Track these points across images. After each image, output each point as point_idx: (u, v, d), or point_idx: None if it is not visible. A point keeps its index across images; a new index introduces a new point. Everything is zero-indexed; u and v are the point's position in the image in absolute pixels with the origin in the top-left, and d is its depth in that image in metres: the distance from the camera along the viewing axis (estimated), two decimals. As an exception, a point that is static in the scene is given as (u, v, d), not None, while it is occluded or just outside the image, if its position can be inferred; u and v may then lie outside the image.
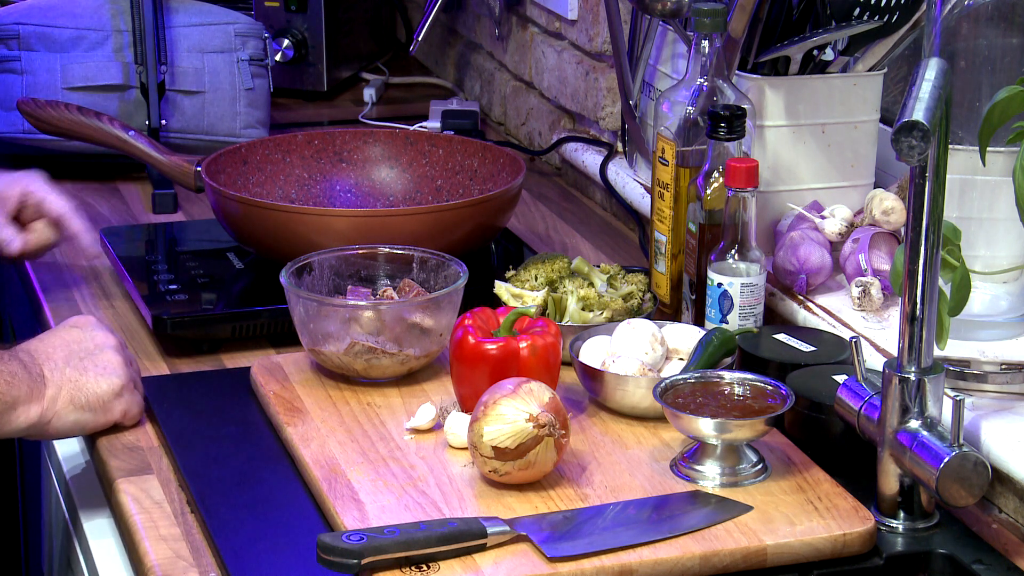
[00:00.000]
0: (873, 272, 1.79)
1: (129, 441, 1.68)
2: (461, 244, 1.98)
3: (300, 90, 2.86)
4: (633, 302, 1.85)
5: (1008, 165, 1.59)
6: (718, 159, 1.79)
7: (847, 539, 1.46)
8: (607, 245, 2.25)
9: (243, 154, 2.14)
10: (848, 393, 1.54)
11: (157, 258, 2.11)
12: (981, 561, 1.46)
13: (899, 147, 1.33)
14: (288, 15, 2.81)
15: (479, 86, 2.89)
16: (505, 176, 2.11)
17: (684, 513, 1.47)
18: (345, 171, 2.20)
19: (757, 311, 1.77)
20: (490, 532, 1.42)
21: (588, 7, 2.43)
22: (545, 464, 1.51)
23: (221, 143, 2.44)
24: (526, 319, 1.66)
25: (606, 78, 2.39)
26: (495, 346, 1.62)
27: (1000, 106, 1.49)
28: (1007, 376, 1.61)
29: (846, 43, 1.90)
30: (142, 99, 2.44)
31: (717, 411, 1.54)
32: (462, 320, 1.66)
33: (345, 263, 1.82)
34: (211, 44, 2.49)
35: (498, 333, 1.64)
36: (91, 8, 2.47)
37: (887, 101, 1.99)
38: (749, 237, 1.76)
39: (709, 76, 1.85)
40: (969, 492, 1.43)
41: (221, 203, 2.00)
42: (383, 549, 1.38)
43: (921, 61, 1.42)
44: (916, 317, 1.45)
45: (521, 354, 1.62)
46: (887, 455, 1.49)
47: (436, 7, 2.66)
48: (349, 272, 1.82)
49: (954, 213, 1.62)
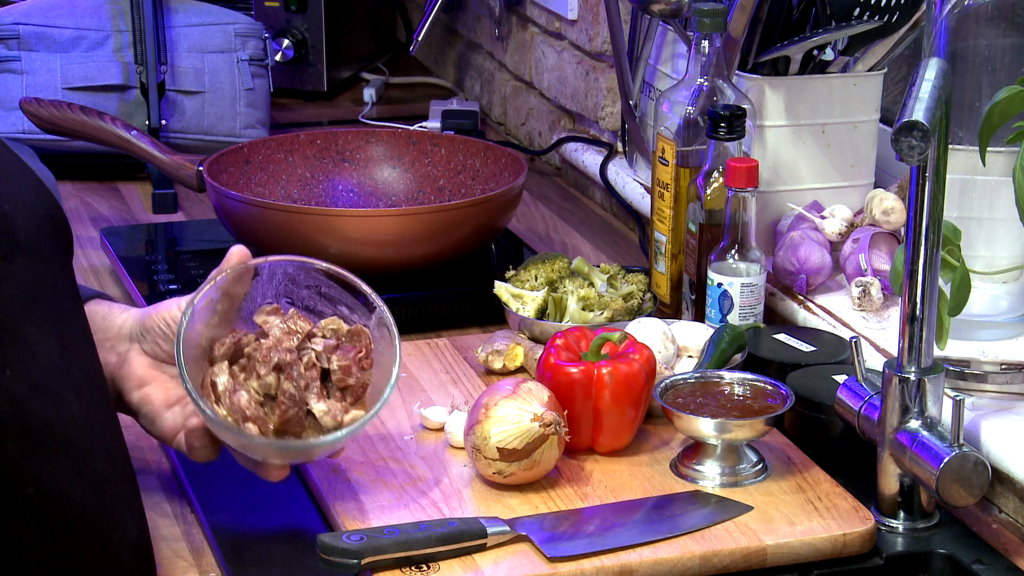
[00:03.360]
0: (873, 272, 1.79)
1: (128, 441, 1.68)
2: (462, 244, 1.98)
3: (300, 90, 2.86)
4: (633, 302, 1.85)
5: (1008, 165, 1.59)
6: (718, 159, 1.79)
7: (847, 539, 1.46)
8: (607, 245, 2.25)
9: (245, 154, 2.14)
10: (848, 393, 1.54)
11: (157, 258, 2.11)
12: (981, 561, 1.46)
13: (899, 147, 1.33)
14: (288, 15, 2.81)
15: (479, 86, 2.89)
16: (507, 176, 2.11)
17: (684, 513, 1.48)
18: (347, 171, 2.20)
19: (757, 311, 1.77)
20: (490, 532, 1.42)
21: (588, 7, 2.43)
22: (548, 463, 1.51)
23: (221, 143, 2.44)
24: (625, 342, 1.61)
25: (606, 78, 2.39)
26: (576, 369, 1.57)
27: (1000, 106, 1.49)
28: (1007, 376, 1.61)
29: (846, 43, 1.90)
30: (142, 99, 2.44)
31: (717, 411, 1.54)
32: (553, 339, 1.61)
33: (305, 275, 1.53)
34: (211, 44, 2.49)
35: (586, 356, 1.60)
36: (91, 8, 2.47)
37: (887, 101, 1.99)
38: (749, 237, 1.76)
39: (709, 76, 1.85)
40: (969, 492, 1.43)
41: (223, 203, 2.00)
42: (383, 549, 1.38)
43: (921, 61, 1.42)
44: (916, 317, 1.45)
45: (602, 380, 1.56)
46: (887, 455, 1.49)
47: (436, 7, 2.66)
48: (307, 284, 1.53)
49: (954, 213, 1.62)
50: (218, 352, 1.47)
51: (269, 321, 1.48)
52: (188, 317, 1.43)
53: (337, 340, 1.48)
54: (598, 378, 1.56)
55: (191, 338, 1.44)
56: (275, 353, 1.45)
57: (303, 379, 1.44)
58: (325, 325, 1.49)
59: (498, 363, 1.76)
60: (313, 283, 1.50)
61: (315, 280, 1.49)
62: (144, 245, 2.15)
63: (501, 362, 1.76)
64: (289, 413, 1.44)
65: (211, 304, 1.46)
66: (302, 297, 1.50)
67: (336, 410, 1.45)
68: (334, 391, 1.47)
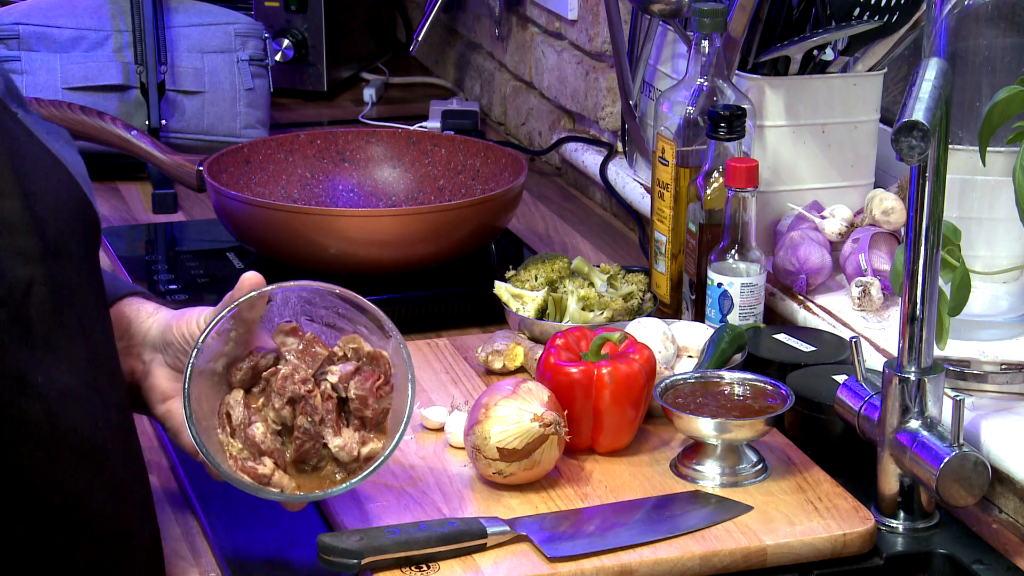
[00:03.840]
0: (873, 272, 1.79)
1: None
2: (462, 244, 1.98)
3: (300, 90, 2.86)
4: (633, 302, 1.85)
5: (1008, 165, 1.59)
6: (718, 159, 1.79)
7: (847, 539, 1.46)
8: (607, 245, 2.25)
9: (245, 154, 2.14)
10: (848, 393, 1.54)
11: (157, 258, 2.11)
12: (981, 561, 1.46)
13: (899, 147, 1.33)
14: (288, 15, 2.81)
15: (479, 86, 2.89)
16: (507, 176, 2.11)
17: (684, 513, 1.48)
18: (347, 171, 2.20)
19: (757, 311, 1.77)
20: (490, 532, 1.42)
21: (588, 7, 2.43)
22: (548, 463, 1.51)
23: (221, 143, 2.44)
24: (625, 342, 1.61)
25: (606, 78, 2.39)
26: (576, 369, 1.57)
27: (1000, 106, 1.49)
28: (1007, 376, 1.61)
29: (846, 43, 1.90)
30: (142, 99, 2.44)
31: (717, 411, 1.54)
32: (553, 339, 1.62)
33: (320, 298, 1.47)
34: (211, 44, 2.49)
35: (586, 356, 1.60)
36: (91, 8, 2.47)
37: (887, 101, 1.99)
38: (749, 237, 1.76)
39: (709, 76, 1.85)
40: (969, 492, 1.43)
41: (223, 203, 2.00)
42: (383, 549, 1.38)
43: (921, 61, 1.42)
44: (916, 317, 1.45)
45: (602, 380, 1.56)
46: (887, 455, 1.49)
47: (436, 7, 2.66)
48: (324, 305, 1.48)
49: (954, 213, 1.62)
50: (235, 378, 1.44)
51: (287, 343, 1.44)
52: (195, 356, 1.39)
53: (357, 361, 1.45)
54: (598, 378, 1.56)
55: (205, 365, 1.41)
56: (289, 384, 1.42)
57: (318, 413, 1.42)
58: (345, 343, 1.46)
59: (498, 363, 1.76)
60: (330, 304, 1.46)
61: (331, 302, 1.46)
62: (144, 245, 2.15)
63: (501, 362, 1.76)
64: (305, 447, 1.42)
65: (224, 334, 1.42)
66: (321, 315, 1.47)
67: (352, 444, 1.42)
68: (353, 419, 1.44)
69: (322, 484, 1.43)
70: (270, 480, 1.41)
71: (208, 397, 1.42)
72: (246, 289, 1.42)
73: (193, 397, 1.39)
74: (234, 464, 1.41)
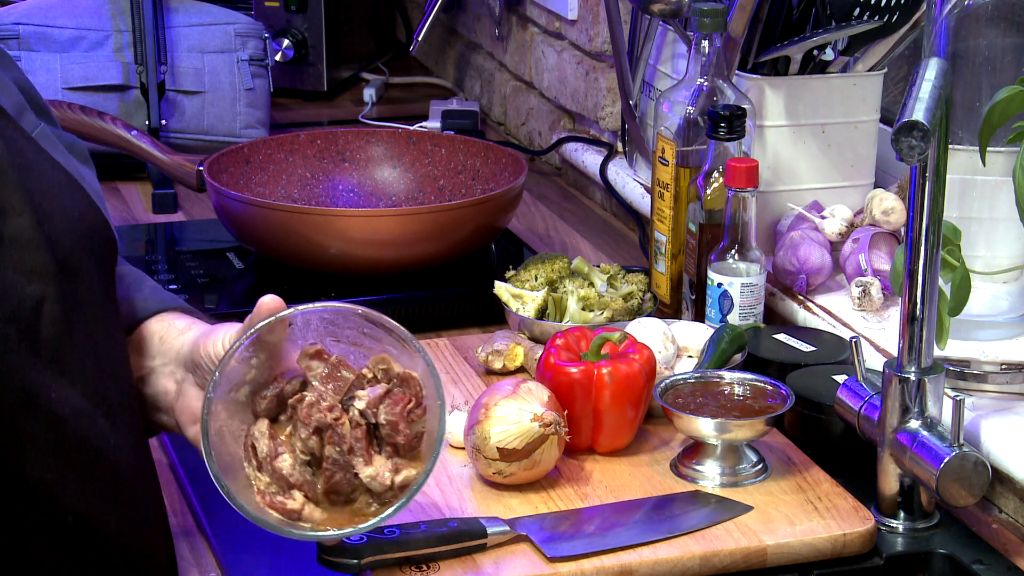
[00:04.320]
0: (873, 272, 1.79)
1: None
2: (463, 244, 1.98)
3: (300, 90, 2.86)
4: (633, 302, 1.85)
5: (1008, 165, 1.59)
6: (718, 159, 1.79)
7: (847, 539, 1.46)
8: (607, 245, 2.25)
9: (245, 154, 2.14)
10: (848, 393, 1.54)
11: (157, 258, 2.11)
12: (981, 561, 1.46)
13: (899, 147, 1.33)
14: (288, 15, 2.81)
15: (479, 86, 2.89)
16: (507, 176, 2.11)
17: (684, 513, 1.48)
18: (348, 171, 2.20)
19: (757, 311, 1.77)
20: (490, 532, 1.42)
21: (588, 7, 2.43)
22: (548, 463, 1.51)
23: (221, 143, 2.44)
24: (625, 342, 1.60)
25: (606, 78, 2.39)
26: (576, 369, 1.57)
27: (1000, 106, 1.49)
28: (1007, 376, 1.61)
29: (846, 43, 1.90)
30: (142, 99, 2.44)
31: (717, 411, 1.54)
32: (553, 339, 1.61)
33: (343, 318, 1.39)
34: (211, 44, 2.49)
35: (586, 356, 1.59)
36: (91, 8, 2.47)
37: (887, 101, 1.99)
38: (749, 237, 1.76)
39: (709, 76, 1.85)
40: (969, 492, 1.43)
41: (223, 203, 2.00)
42: (383, 549, 1.38)
43: (921, 61, 1.42)
44: (916, 317, 1.45)
45: (602, 380, 1.56)
46: (887, 455, 1.49)
47: (436, 7, 2.66)
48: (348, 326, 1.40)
49: (954, 213, 1.62)
50: (260, 407, 1.36)
51: (312, 367, 1.36)
52: (212, 390, 1.32)
53: (388, 382, 1.37)
54: (598, 378, 1.56)
55: (226, 395, 1.34)
56: (315, 412, 1.34)
57: (346, 442, 1.34)
58: (375, 364, 1.37)
59: (498, 363, 1.76)
60: (354, 325, 1.38)
61: (355, 323, 1.37)
62: (144, 245, 2.15)
63: (501, 362, 1.76)
64: (335, 478, 1.34)
65: (244, 361, 1.35)
66: (347, 336, 1.39)
67: (384, 472, 1.34)
68: (385, 445, 1.35)
69: (353, 517, 1.35)
70: (300, 515, 1.34)
71: (232, 429, 1.35)
72: (264, 314, 1.34)
73: (213, 431, 1.32)
74: (262, 500, 1.34)
